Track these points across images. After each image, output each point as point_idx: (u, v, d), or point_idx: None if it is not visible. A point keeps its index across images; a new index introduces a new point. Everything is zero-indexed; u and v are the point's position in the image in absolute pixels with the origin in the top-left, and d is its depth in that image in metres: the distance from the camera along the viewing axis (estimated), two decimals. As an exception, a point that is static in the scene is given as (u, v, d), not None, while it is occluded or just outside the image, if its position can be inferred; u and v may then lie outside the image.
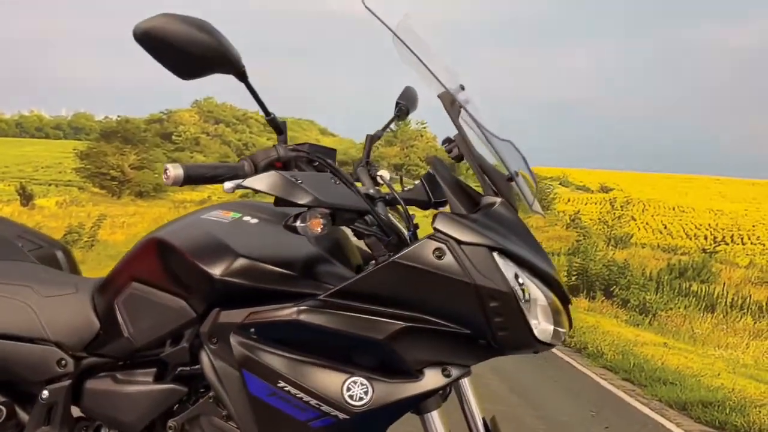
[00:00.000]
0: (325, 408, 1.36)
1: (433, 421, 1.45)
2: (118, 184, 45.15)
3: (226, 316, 1.45)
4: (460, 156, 1.53)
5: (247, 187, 1.30)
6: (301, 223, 1.28)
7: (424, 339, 1.35)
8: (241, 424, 1.45)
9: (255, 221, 1.56)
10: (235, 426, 1.48)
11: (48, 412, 1.69)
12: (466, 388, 1.61)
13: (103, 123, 61.77)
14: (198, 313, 1.51)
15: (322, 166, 1.45)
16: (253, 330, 1.42)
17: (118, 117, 55.72)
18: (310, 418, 1.37)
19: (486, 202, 1.44)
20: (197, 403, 1.56)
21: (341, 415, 1.35)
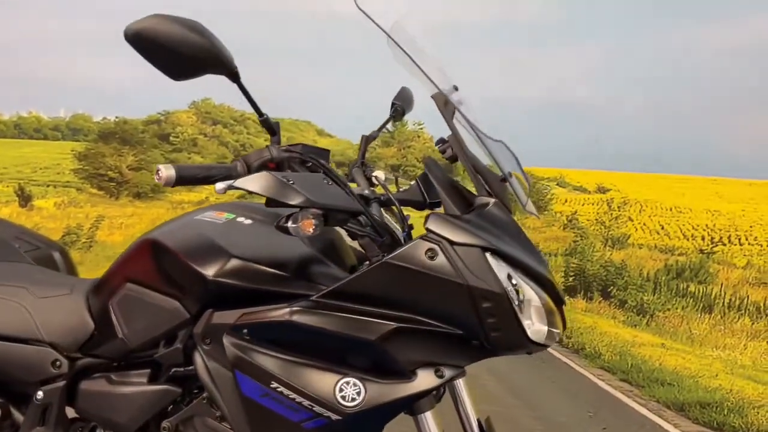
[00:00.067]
0: (318, 409, 1.36)
1: (427, 422, 1.44)
2: (116, 185, 45.08)
3: (219, 317, 1.45)
4: (454, 156, 1.53)
5: (238, 187, 1.29)
6: (292, 224, 1.28)
7: (416, 340, 1.35)
8: (235, 425, 1.45)
9: (249, 222, 1.56)
10: (228, 427, 1.48)
11: (43, 413, 1.69)
12: (460, 389, 1.60)
13: (101, 124, 61.69)
14: (192, 314, 1.50)
15: (315, 166, 1.45)
16: (245, 331, 1.41)
17: (116, 118, 55.68)
18: (302, 418, 1.37)
19: (479, 202, 1.43)
20: (191, 404, 1.55)
21: (334, 416, 1.35)
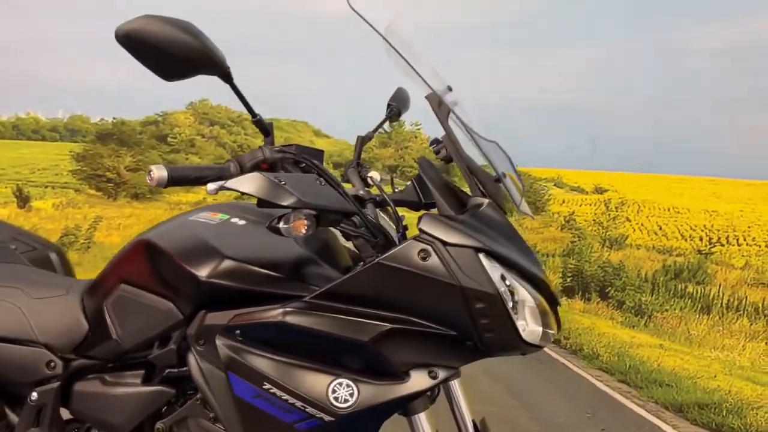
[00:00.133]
0: (311, 410, 1.35)
1: (421, 423, 1.44)
2: (114, 186, 45.06)
3: (212, 318, 1.45)
4: (448, 157, 1.53)
5: (229, 188, 1.29)
6: (284, 225, 1.27)
7: (409, 341, 1.35)
8: (228, 426, 1.44)
9: (242, 223, 1.55)
10: (222, 428, 1.48)
11: (37, 414, 1.69)
12: (455, 390, 1.59)
13: (99, 125, 61.74)
14: (185, 315, 1.50)
15: (308, 167, 1.44)
16: (238, 332, 1.41)
17: (114, 119, 55.56)
18: (295, 420, 1.36)
19: (473, 203, 1.43)
20: (185, 405, 1.55)
21: (327, 417, 1.35)
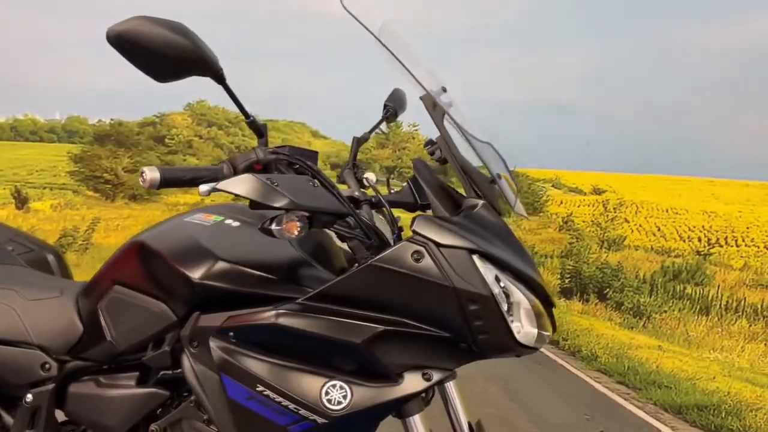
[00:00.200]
0: (304, 412, 1.34)
1: (415, 425, 1.43)
2: (112, 187, 44.98)
3: (205, 320, 1.44)
4: (443, 158, 1.53)
5: (221, 190, 1.28)
6: (276, 226, 1.27)
7: (403, 343, 1.34)
8: (221, 428, 1.44)
9: (236, 224, 1.55)
10: (216, 430, 1.47)
11: (32, 416, 1.69)
12: (451, 392, 1.59)
13: (97, 126, 61.80)
14: (179, 317, 1.50)
15: (302, 168, 1.42)
16: (231, 334, 1.40)
17: (112, 120, 55.46)
18: (288, 422, 1.36)
19: (468, 204, 1.43)
20: (179, 406, 1.55)
21: (320, 420, 1.34)
